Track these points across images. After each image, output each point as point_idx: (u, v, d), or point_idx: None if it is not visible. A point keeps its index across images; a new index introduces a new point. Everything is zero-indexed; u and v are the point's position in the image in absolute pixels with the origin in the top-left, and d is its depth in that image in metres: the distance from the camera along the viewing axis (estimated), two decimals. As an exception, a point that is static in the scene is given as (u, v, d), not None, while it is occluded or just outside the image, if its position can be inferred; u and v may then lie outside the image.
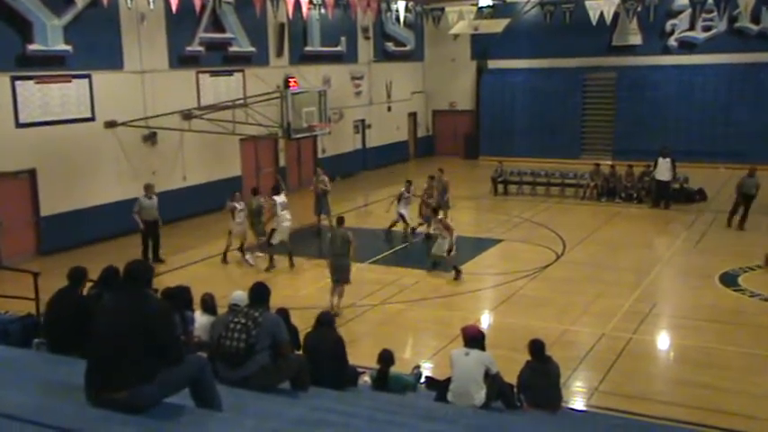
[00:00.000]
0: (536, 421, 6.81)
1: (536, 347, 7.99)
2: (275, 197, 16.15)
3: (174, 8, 18.25)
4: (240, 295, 7.37)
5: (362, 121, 29.40)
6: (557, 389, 7.80)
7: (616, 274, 15.29)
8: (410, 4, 29.33)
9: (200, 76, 21.48)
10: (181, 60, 20.81)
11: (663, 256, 16.88)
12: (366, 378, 8.39)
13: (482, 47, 31.65)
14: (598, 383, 10.26)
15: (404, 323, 13.04)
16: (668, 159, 21.37)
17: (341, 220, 13.92)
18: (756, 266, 15.20)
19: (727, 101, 27.65)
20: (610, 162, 25.28)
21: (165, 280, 12.99)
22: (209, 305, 8.72)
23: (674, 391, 10.03)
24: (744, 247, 16.94)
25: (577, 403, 9.75)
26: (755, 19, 27.49)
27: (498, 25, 27.51)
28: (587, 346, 11.48)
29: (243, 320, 5.82)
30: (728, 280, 14.44)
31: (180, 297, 7.74)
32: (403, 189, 18.50)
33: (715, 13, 28.19)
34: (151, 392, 4.42)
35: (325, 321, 7.35)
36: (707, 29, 28.53)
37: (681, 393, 9.91)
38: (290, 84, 22.89)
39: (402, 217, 18.34)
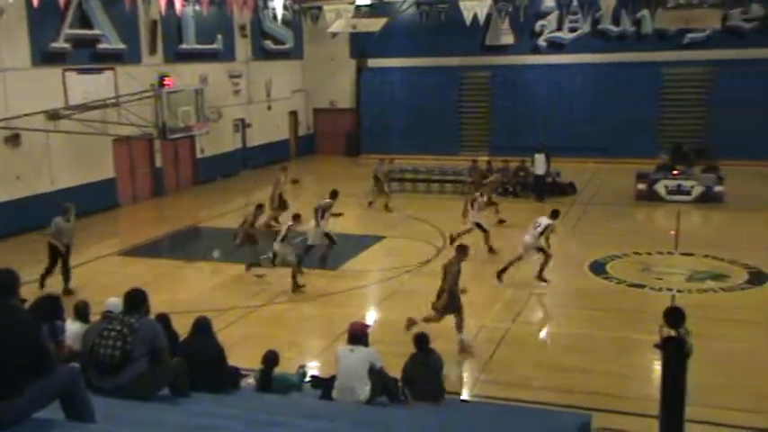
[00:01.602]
0: (419, 413, 6.93)
1: (420, 340, 8.17)
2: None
3: (35, 2, 17.29)
4: (114, 302, 7.09)
5: (242, 120, 28.94)
6: (439, 380, 7.98)
7: (495, 267, 15.75)
8: (287, 2, 29.10)
9: (67, 74, 20.42)
10: (45, 57, 19.73)
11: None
12: (250, 380, 8.28)
13: (361, 45, 31.89)
14: (479, 373, 10.56)
15: (289, 323, 12.95)
16: (543, 154, 22.32)
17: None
18: (623, 254, 16.07)
19: (593, 99, 29.10)
20: (487, 158, 26.05)
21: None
22: (81, 313, 8.32)
23: (549, 376, 10.45)
24: (611, 237, 17.89)
25: (462, 393, 10.00)
26: (616, 21, 29.12)
27: (376, 24, 27.74)
28: (468, 337, 11.77)
29: (118, 327, 5.62)
30: (597, 268, 15.21)
31: (49, 306, 7.33)
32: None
33: (580, 15, 29.65)
34: (21, 406, 4.20)
35: (203, 326, 7.19)
36: (573, 30, 29.96)
37: (556, 378, 10.35)
38: (165, 82, 22.17)
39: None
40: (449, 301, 11.07)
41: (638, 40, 28.98)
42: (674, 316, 8.03)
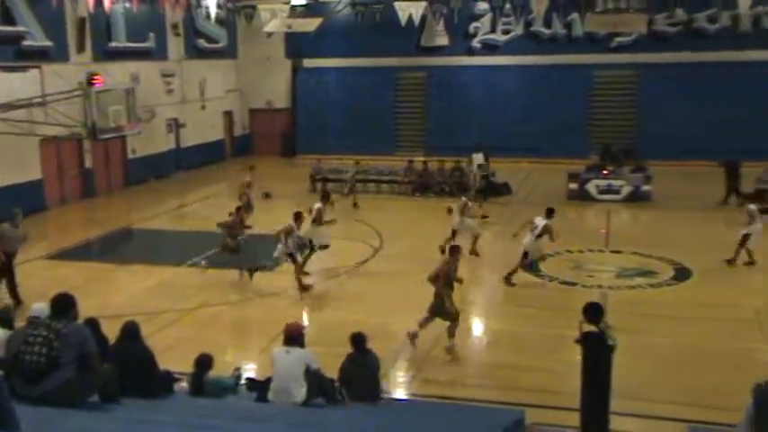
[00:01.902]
0: (356, 414, 6.93)
1: (357, 340, 8.17)
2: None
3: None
4: (40, 307, 6.88)
5: (175, 120, 28.41)
6: (376, 380, 8.00)
7: (431, 266, 15.84)
8: (221, 0, 28.73)
9: (-10, 71, 19.72)
10: (-35, 54, 19.02)
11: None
12: (184, 384, 8.13)
13: (296, 45, 31.72)
14: (416, 372, 10.63)
15: (225, 325, 12.79)
16: (481, 154, 22.63)
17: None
18: (555, 253, 16.39)
19: (526, 100, 29.62)
20: (423, 158, 26.25)
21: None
22: (5, 319, 8.06)
23: (484, 373, 10.60)
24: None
25: (398, 393, 10.05)
26: (548, 24, 29.73)
27: (311, 24, 27.67)
28: (405, 336, 11.84)
29: (44, 333, 5.44)
30: (531, 267, 15.49)
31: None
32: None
33: (512, 18, 30.15)
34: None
35: (131, 330, 7.05)
36: (506, 32, 30.45)
37: (491, 375, 10.51)
38: (94, 81, 21.60)
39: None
40: (435, 304, 11.02)
41: (569, 43, 29.65)
42: (593, 311, 8.32)
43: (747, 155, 22.67)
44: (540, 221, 14.45)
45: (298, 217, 14.27)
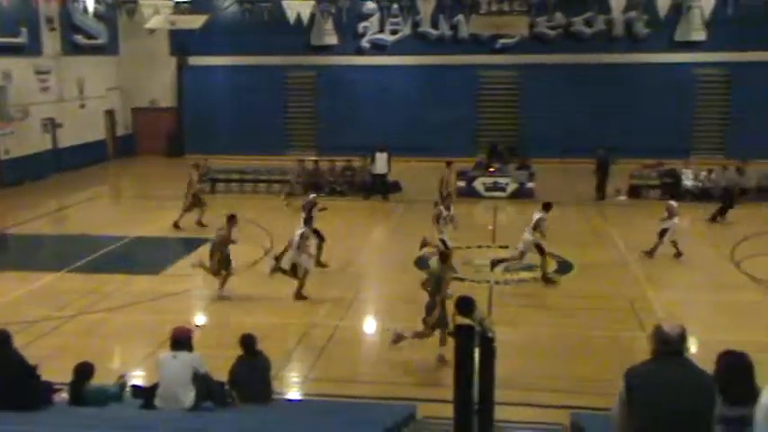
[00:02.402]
0: (245, 416, 6.82)
1: (247, 342, 8.04)
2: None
3: None
4: None
5: (52, 119, 27.05)
6: (267, 381, 7.90)
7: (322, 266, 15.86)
8: (100, -6, 27.62)
9: None
10: None
11: (366, 244, 17.87)
12: (65, 395, 7.75)
13: (182, 42, 30.84)
14: (309, 371, 10.58)
15: (108, 332, 12.28)
16: (385, 154, 22.80)
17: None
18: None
19: (415, 99, 30.00)
20: (314, 158, 26.14)
21: None
22: None
23: (377, 371, 10.67)
24: (434, 233, 18.51)
25: (292, 393, 9.97)
26: (435, 24, 30.24)
27: (196, 21, 26.97)
28: (298, 336, 11.78)
29: None
30: (422, 263, 15.71)
31: None
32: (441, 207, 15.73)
33: (400, 18, 30.50)
34: None
35: (3, 340, 6.65)
36: (394, 32, 30.75)
37: (383, 372, 10.58)
38: (-39, 77, 20.36)
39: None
40: (428, 315, 10.64)
41: (456, 44, 30.28)
42: (464, 305, 8.59)
43: (622, 152, 23.95)
44: (536, 215, 14.62)
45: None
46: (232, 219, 13.99)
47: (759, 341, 7.63)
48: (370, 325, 12.99)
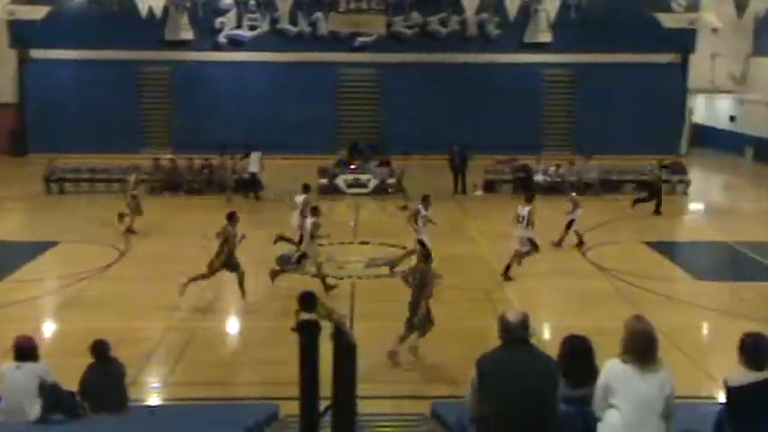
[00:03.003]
0: (97, 425, 6.53)
1: (98, 349, 7.67)
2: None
3: None
4: None
5: None
6: (121, 389, 7.58)
7: (182, 266, 15.34)
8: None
9: None
10: None
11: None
12: None
13: (23, 35, 28.93)
14: (167, 376, 10.26)
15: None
16: (259, 153, 22.43)
17: None
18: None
19: (275, 96, 29.71)
20: (170, 156, 25.34)
21: None
22: None
23: (240, 371, 10.53)
24: (295, 230, 18.44)
25: (150, 399, 9.63)
26: (294, 21, 30.08)
27: (38, 12, 25.40)
28: (155, 340, 11.39)
29: None
30: (284, 261, 15.60)
31: None
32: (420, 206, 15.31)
33: (258, 14, 30.11)
34: None
35: None
36: (252, 28, 30.34)
37: (246, 372, 10.46)
38: None
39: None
40: (414, 314, 10.41)
41: (315, 41, 30.26)
42: (307, 301, 8.71)
43: (478, 149, 24.85)
44: (525, 209, 14.65)
45: (314, 211, 14.15)
46: (233, 216, 13.42)
47: (601, 326, 8.13)
48: (231, 325, 12.76)
